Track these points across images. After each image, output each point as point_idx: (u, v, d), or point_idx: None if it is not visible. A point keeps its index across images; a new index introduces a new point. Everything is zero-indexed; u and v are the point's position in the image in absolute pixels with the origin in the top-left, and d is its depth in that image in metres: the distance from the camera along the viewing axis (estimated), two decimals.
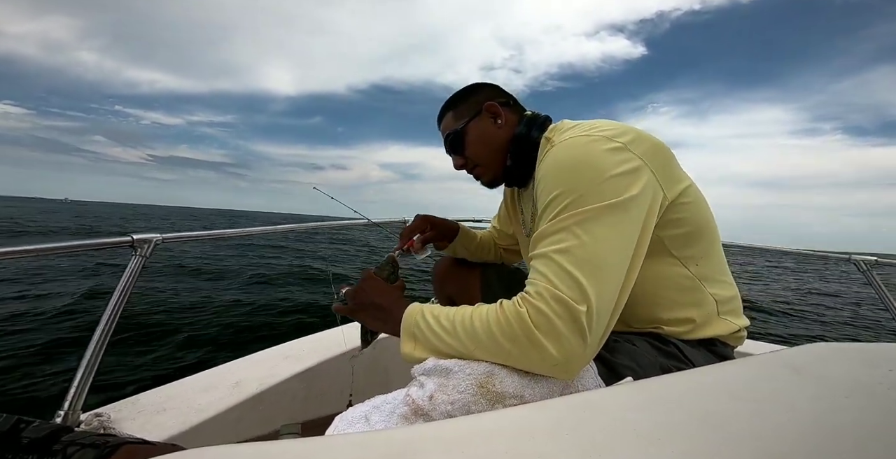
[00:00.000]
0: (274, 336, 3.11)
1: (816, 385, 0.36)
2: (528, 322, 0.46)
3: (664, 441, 0.28)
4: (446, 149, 0.82)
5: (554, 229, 0.51)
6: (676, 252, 0.61)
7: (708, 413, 0.32)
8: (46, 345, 2.57)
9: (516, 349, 0.47)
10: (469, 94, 0.79)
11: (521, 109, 0.79)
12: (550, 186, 0.55)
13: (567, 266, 0.48)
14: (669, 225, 0.59)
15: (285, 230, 1.31)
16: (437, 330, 0.51)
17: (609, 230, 0.50)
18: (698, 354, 0.61)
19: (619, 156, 0.54)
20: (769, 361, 0.42)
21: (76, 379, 0.72)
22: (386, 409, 0.49)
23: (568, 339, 0.46)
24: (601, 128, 0.59)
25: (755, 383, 0.38)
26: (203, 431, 0.78)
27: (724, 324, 0.64)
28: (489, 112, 0.76)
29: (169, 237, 0.87)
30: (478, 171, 0.81)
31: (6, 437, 0.48)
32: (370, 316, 0.62)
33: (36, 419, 0.53)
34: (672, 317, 0.62)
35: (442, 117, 0.82)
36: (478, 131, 0.77)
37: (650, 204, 0.54)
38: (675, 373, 0.44)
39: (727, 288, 0.66)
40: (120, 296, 0.78)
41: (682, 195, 0.59)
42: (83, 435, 0.49)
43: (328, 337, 1.22)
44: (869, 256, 1.35)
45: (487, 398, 0.46)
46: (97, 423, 0.72)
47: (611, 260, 0.49)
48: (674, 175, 0.60)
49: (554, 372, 0.47)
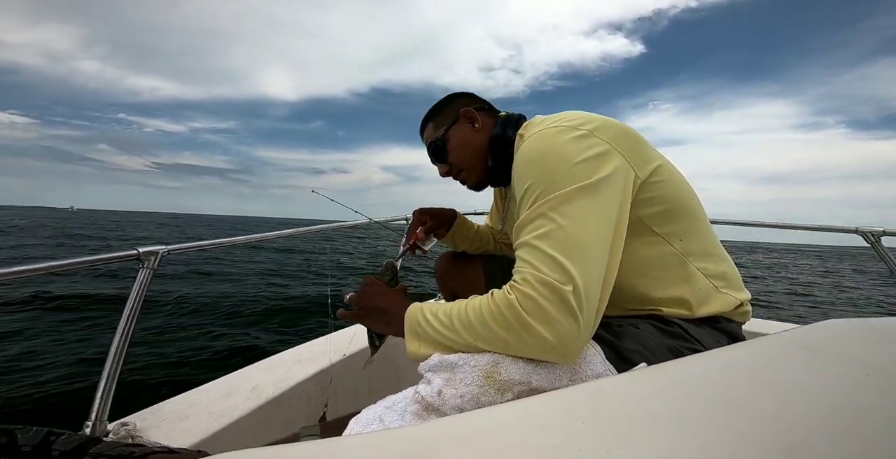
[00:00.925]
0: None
1: (834, 364, 0.36)
2: (517, 308, 0.47)
3: (683, 427, 0.27)
4: (431, 158, 0.86)
5: (531, 217, 0.53)
6: (658, 229, 0.61)
7: (726, 396, 0.32)
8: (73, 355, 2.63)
9: (512, 336, 0.48)
10: (446, 104, 0.83)
11: (495, 112, 0.82)
12: (522, 178, 0.57)
13: (548, 250, 0.49)
14: (645, 203, 0.60)
15: (289, 235, 1.32)
16: (437, 326, 0.53)
17: (584, 211, 0.51)
18: (703, 332, 0.61)
19: (585, 143, 0.56)
20: (784, 340, 0.42)
21: (99, 390, 0.74)
22: (398, 408, 0.50)
23: (559, 321, 0.46)
24: (566, 118, 0.60)
25: (772, 364, 0.37)
26: (225, 436, 0.80)
27: (724, 299, 0.63)
28: (466, 117, 0.80)
29: (175, 248, 0.88)
30: (462, 176, 0.84)
31: (37, 450, 0.49)
32: (375, 319, 0.64)
33: (65, 431, 0.54)
34: (666, 296, 0.62)
35: (423, 129, 0.86)
36: (457, 137, 0.80)
37: (623, 183, 0.56)
38: (690, 357, 0.43)
39: (718, 262, 0.66)
40: (132, 308, 0.79)
41: (653, 174, 0.60)
42: (110, 446, 0.51)
43: (338, 339, 1.24)
44: (876, 227, 1.33)
45: (495, 387, 0.47)
46: (124, 432, 0.74)
47: (590, 239, 0.50)
48: (644, 155, 0.61)
49: (553, 355, 0.48)
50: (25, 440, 0.50)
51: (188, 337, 3.19)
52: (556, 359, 0.48)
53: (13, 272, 0.65)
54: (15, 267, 0.66)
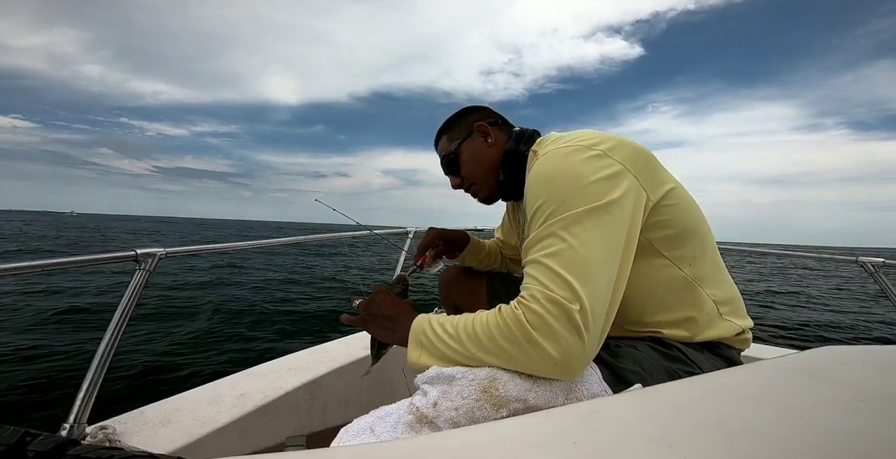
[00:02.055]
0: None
1: (830, 390, 0.36)
2: (524, 323, 0.48)
3: (675, 449, 0.27)
4: (444, 170, 0.87)
5: (541, 236, 0.53)
6: (667, 253, 0.61)
7: (720, 419, 0.31)
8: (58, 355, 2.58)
9: (516, 350, 0.48)
10: (460, 118, 0.84)
11: (509, 127, 0.83)
12: (534, 197, 0.57)
13: (556, 268, 0.49)
14: (656, 226, 0.60)
15: (288, 243, 1.32)
16: (443, 337, 0.53)
17: (594, 232, 0.51)
18: (702, 357, 0.61)
19: (598, 163, 0.56)
20: (781, 365, 0.42)
21: (81, 392, 0.72)
22: (391, 419, 0.49)
23: (565, 338, 0.47)
24: (581, 138, 0.61)
25: (768, 388, 0.37)
26: (208, 443, 0.78)
27: (726, 325, 0.63)
28: (479, 132, 0.80)
29: (172, 251, 0.87)
30: (474, 189, 0.85)
31: (12, 450, 0.48)
32: (380, 326, 0.64)
33: (42, 432, 0.53)
34: (670, 320, 0.62)
35: (438, 141, 0.87)
36: (470, 151, 0.81)
37: (633, 205, 0.56)
38: (685, 379, 0.43)
39: (725, 288, 0.66)
40: (124, 310, 0.78)
41: (666, 197, 0.60)
42: (88, 449, 0.49)
43: (333, 349, 1.22)
44: (876, 258, 1.34)
45: (491, 402, 0.46)
46: (102, 436, 0.72)
47: (598, 259, 0.51)
48: (657, 178, 0.61)
49: (555, 372, 0.48)
50: (1, 439, 0.48)
51: (179, 341, 3.13)
52: (558, 376, 0.48)
53: (9, 268, 0.65)
54: (12, 263, 0.65)
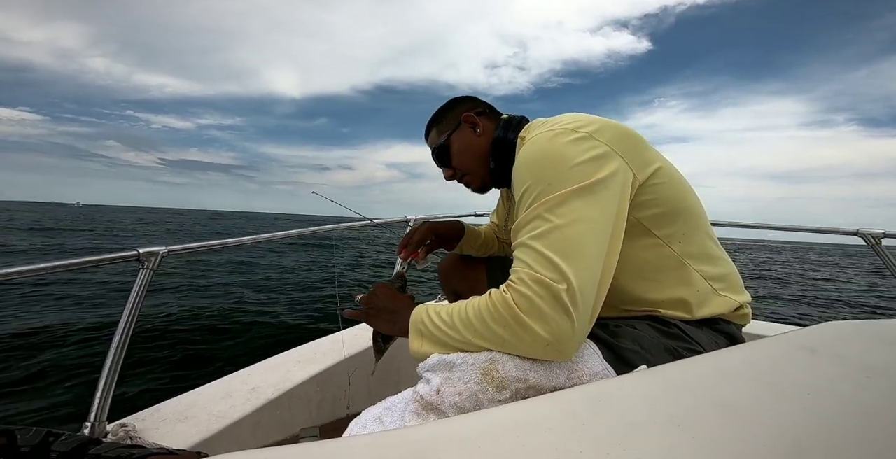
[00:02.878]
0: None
1: (836, 366, 0.36)
2: (513, 306, 0.49)
3: (684, 430, 0.27)
4: (436, 162, 0.88)
5: (528, 218, 0.54)
6: (656, 231, 0.62)
7: (727, 398, 0.31)
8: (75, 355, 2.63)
9: (508, 333, 0.49)
10: (448, 110, 0.84)
11: (497, 115, 0.83)
12: (520, 181, 0.58)
13: (542, 249, 0.50)
14: (644, 205, 0.60)
15: (290, 235, 1.32)
16: (440, 325, 0.54)
17: (580, 212, 0.52)
18: (702, 334, 0.61)
19: (583, 145, 0.56)
20: (784, 342, 0.42)
21: (98, 391, 0.74)
22: (397, 409, 0.50)
23: (553, 318, 0.47)
24: (565, 121, 0.61)
25: (772, 366, 0.37)
26: (224, 438, 0.80)
27: (722, 301, 0.64)
28: (467, 122, 0.81)
29: (175, 249, 0.88)
30: (466, 180, 0.86)
31: (36, 451, 0.49)
32: (382, 319, 0.66)
33: (64, 431, 0.54)
34: (665, 298, 0.62)
35: (427, 134, 0.87)
36: (460, 142, 0.82)
37: (621, 185, 0.56)
38: (690, 359, 0.43)
39: (718, 264, 0.66)
40: (132, 309, 0.79)
41: (653, 176, 0.61)
42: (109, 447, 0.51)
43: (339, 340, 1.23)
44: (876, 229, 1.33)
45: (493, 384, 0.47)
46: (123, 433, 0.74)
47: (586, 239, 0.51)
48: (644, 157, 0.61)
49: (548, 353, 0.49)
50: (25, 440, 0.49)
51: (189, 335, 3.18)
52: (551, 356, 0.49)
53: (13, 273, 0.65)
54: (15, 267, 0.66)
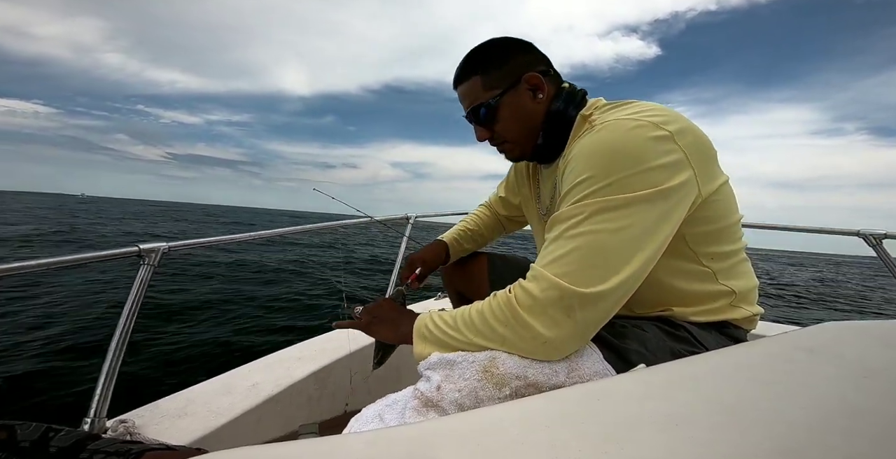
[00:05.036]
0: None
1: (833, 366, 0.36)
2: (514, 304, 0.49)
3: (681, 428, 0.27)
4: (469, 117, 0.70)
5: (574, 213, 0.50)
6: (695, 248, 0.59)
7: (725, 397, 0.31)
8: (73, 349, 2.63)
9: (508, 331, 0.49)
10: (501, 58, 0.66)
11: (559, 80, 0.69)
12: (581, 168, 0.52)
13: (571, 250, 0.48)
14: (695, 221, 0.56)
15: (291, 232, 1.32)
16: (443, 327, 0.54)
17: (627, 221, 0.49)
18: (710, 337, 0.61)
19: (662, 147, 0.51)
20: (783, 342, 0.42)
21: (98, 387, 0.74)
22: (398, 406, 0.50)
23: (553, 317, 0.47)
24: (646, 112, 0.54)
25: (770, 365, 0.37)
26: (224, 434, 0.80)
27: (737, 311, 0.63)
28: (530, 84, 0.65)
29: (176, 245, 0.88)
30: (506, 147, 0.72)
31: (36, 446, 0.49)
32: (384, 326, 0.65)
33: (64, 427, 0.54)
34: (680, 305, 0.62)
35: (465, 78, 0.68)
36: (513, 107, 0.66)
37: (681, 200, 0.52)
38: (688, 358, 0.43)
39: (745, 279, 0.64)
40: (132, 305, 0.79)
41: (715, 193, 0.56)
42: (108, 443, 0.51)
43: (339, 337, 1.23)
44: (877, 229, 1.33)
45: (493, 382, 0.47)
46: (123, 429, 0.74)
47: (626, 250, 0.48)
48: (712, 171, 0.57)
49: (546, 351, 0.48)
50: (24, 435, 0.50)
51: (190, 333, 3.19)
52: (547, 355, 0.49)
53: (12, 268, 0.65)
54: (14, 263, 0.66)
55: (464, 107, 0.71)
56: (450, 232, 1.06)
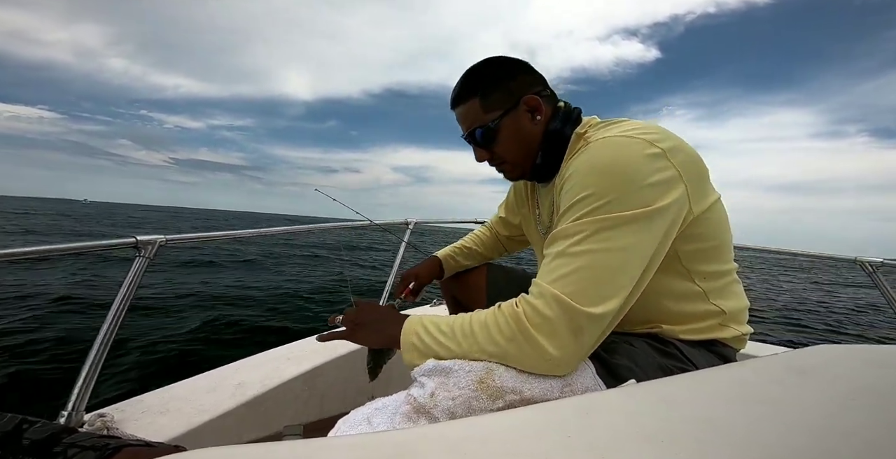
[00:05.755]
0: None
1: (822, 388, 0.36)
2: (524, 320, 0.48)
3: (669, 445, 0.27)
4: (469, 140, 0.71)
5: (573, 231, 0.51)
6: (688, 265, 0.60)
7: (713, 415, 0.31)
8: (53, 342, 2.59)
9: (512, 346, 0.48)
10: (501, 79, 0.66)
11: (555, 99, 0.70)
12: (580, 186, 0.53)
13: (577, 269, 0.49)
14: (687, 239, 0.57)
15: (289, 231, 1.32)
16: (438, 337, 0.53)
17: (628, 240, 0.50)
18: (698, 354, 0.61)
19: (657, 164, 0.52)
20: (774, 363, 0.42)
21: (80, 380, 0.73)
22: (388, 411, 0.49)
23: (564, 337, 0.47)
24: (641, 130, 0.56)
25: (760, 385, 0.37)
26: (205, 432, 0.79)
27: (726, 331, 0.63)
28: (528, 106, 0.66)
29: (173, 238, 0.87)
30: (506, 167, 0.72)
31: (8, 437, 0.48)
32: (367, 330, 0.62)
33: (40, 419, 0.53)
34: (670, 322, 0.62)
35: (464, 100, 0.68)
36: (512, 128, 0.67)
37: (675, 217, 0.53)
38: (679, 375, 0.43)
39: (736, 299, 0.65)
40: (124, 297, 0.78)
41: (707, 210, 0.58)
42: (84, 437, 0.50)
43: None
44: (875, 258, 1.34)
45: (488, 393, 0.47)
46: (100, 424, 0.73)
47: (623, 269, 0.50)
48: (704, 189, 0.58)
49: (549, 368, 0.48)
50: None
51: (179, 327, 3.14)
52: (550, 372, 0.49)
53: (9, 254, 0.65)
54: (11, 248, 0.65)
55: (462, 128, 0.72)
56: (446, 248, 1.07)
